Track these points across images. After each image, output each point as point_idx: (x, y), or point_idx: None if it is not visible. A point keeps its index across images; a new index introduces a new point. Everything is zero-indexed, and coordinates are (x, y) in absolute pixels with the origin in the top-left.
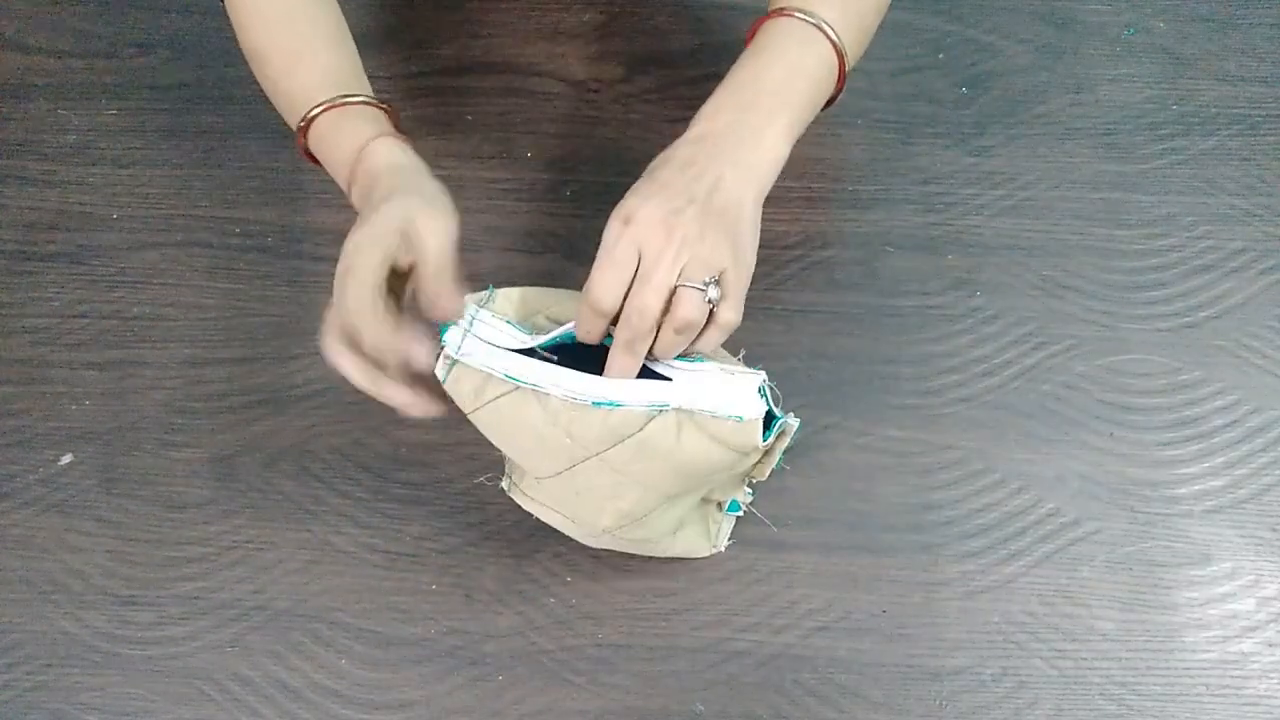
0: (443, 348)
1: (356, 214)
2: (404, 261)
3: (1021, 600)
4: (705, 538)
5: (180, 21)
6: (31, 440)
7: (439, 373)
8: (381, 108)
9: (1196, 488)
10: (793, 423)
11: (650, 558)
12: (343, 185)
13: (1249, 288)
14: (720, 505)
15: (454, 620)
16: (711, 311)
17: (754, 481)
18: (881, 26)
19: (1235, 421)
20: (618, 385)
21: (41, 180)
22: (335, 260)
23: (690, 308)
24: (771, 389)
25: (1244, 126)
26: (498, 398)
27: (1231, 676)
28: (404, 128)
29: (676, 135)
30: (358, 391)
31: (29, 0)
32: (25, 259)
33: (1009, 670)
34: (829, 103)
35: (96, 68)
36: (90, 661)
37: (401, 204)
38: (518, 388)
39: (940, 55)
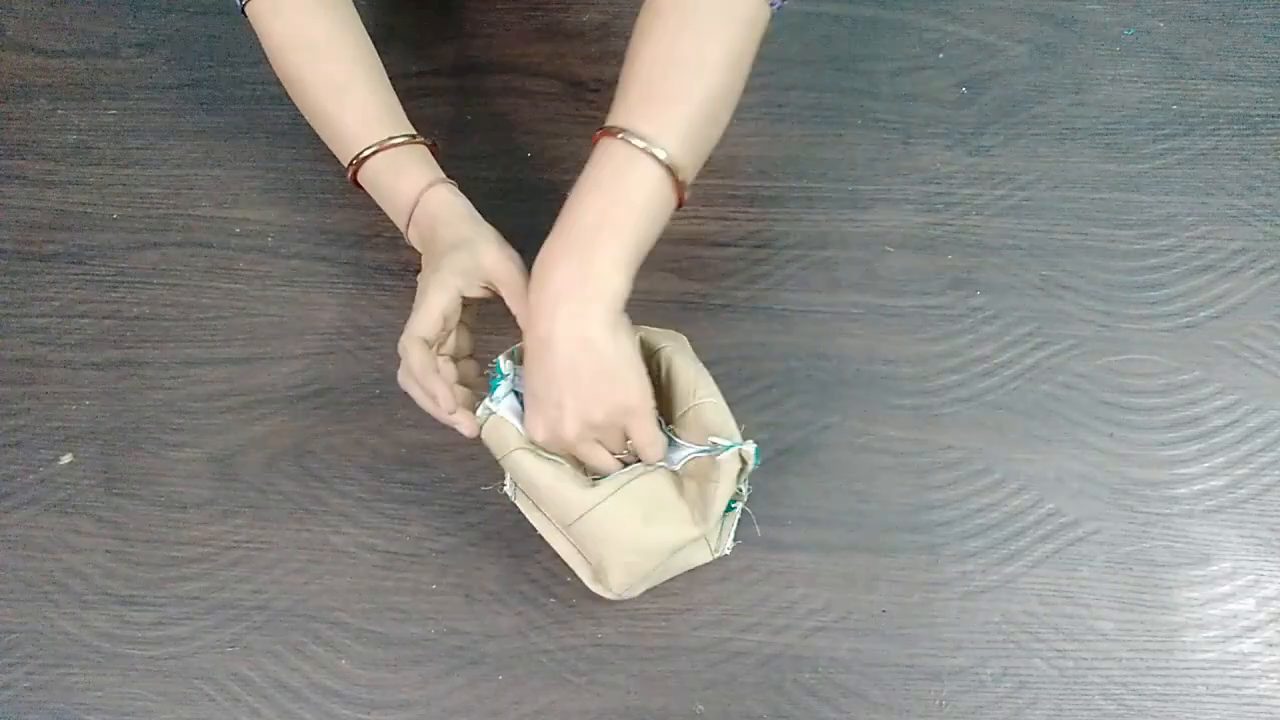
0: (483, 397)
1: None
2: (472, 294)
3: (1021, 600)
4: (704, 547)
5: (180, 21)
6: (31, 440)
7: (479, 417)
8: (427, 144)
9: (1196, 488)
10: (748, 449)
11: None
12: (399, 223)
13: (1249, 288)
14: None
15: (454, 620)
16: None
17: (748, 477)
18: (882, 26)
19: (1235, 421)
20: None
21: (41, 180)
22: (335, 260)
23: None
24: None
25: (1244, 126)
26: (514, 450)
27: (1231, 676)
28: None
29: None
30: (358, 391)
31: (29, 0)
32: (25, 259)
33: (1009, 670)
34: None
35: (96, 68)
36: (90, 661)
37: (467, 249)
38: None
39: (940, 55)
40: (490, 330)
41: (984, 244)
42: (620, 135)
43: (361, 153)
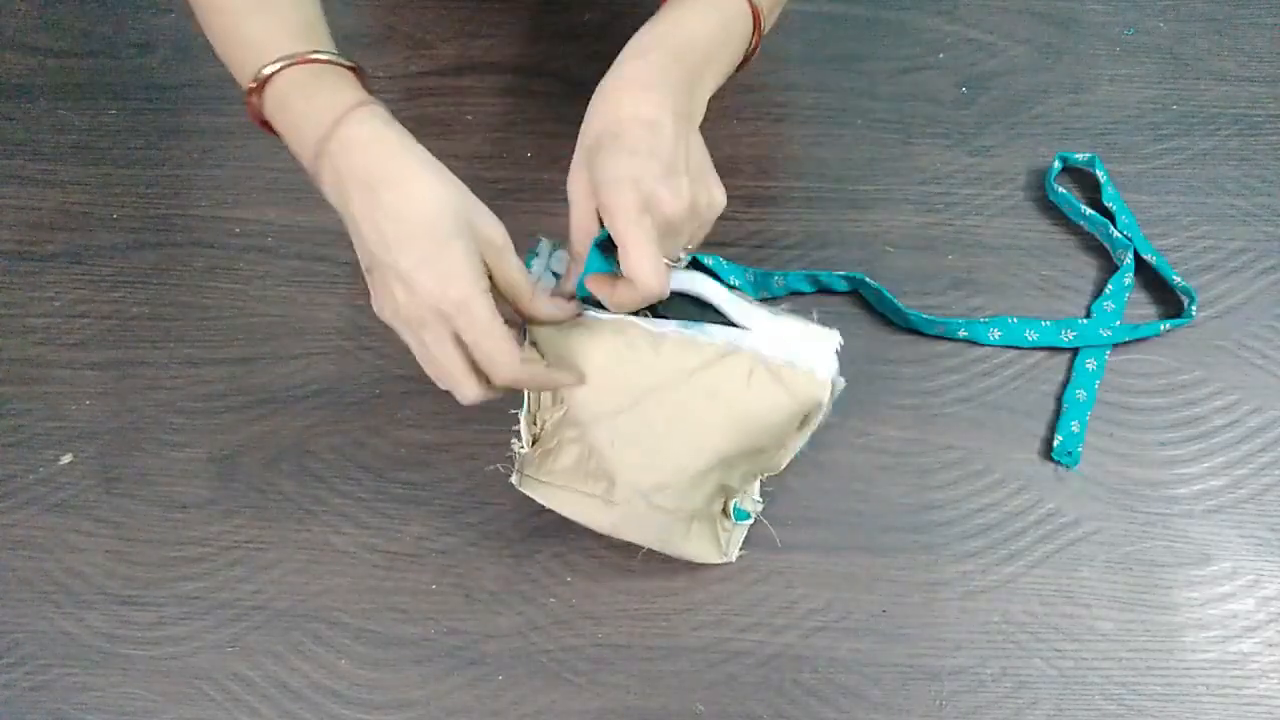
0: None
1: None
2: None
3: (1021, 600)
4: (715, 545)
5: (180, 21)
6: (31, 440)
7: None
8: (352, 69)
9: (1196, 488)
10: (839, 382)
11: (651, 558)
12: (305, 158)
13: (1249, 288)
14: (727, 513)
15: (454, 620)
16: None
17: (764, 481)
18: (882, 26)
19: (1235, 421)
20: (698, 325)
21: (41, 180)
22: (335, 260)
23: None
24: (838, 353)
25: (1244, 126)
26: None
27: (1231, 676)
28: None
29: None
30: (358, 391)
31: (29, 0)
32: (25, 259)
33: (1009, 670)
34: (741, 64)
35: (96, 68)
36: (90, 661)
37: (454, 215)
38: (597, 317)
39: (940, 55)
40: None
41: (984, 244)
42: None
43: (264, 69)
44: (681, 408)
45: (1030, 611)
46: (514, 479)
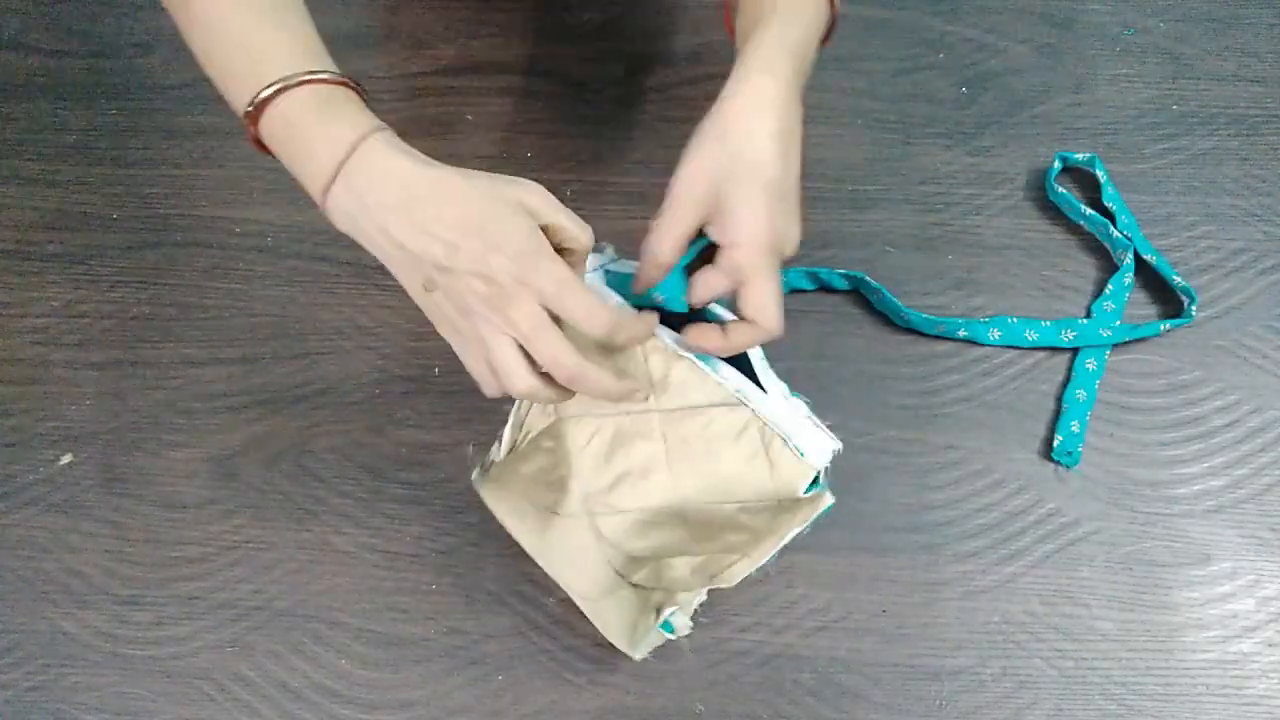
0: None
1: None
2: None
3: (1021, 600)
4: (629, 630)
5: None
6: (31, 440)
7: None
8: (358, 89)
9: (1196, 488)
10: (826, 498)
11: None
12: (315, 181)
13: (1249, 288)
14: (659, 613)
15: (454, 620)
16: None
17: (699, 605)
18: (882, 26)
19: (1235, 421)
20: (720, 364)
21: (41, 180)
22: (335, 260)
23: None
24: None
25: (1244, 126)
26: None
27: (1231, 676)
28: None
29: (676, 136)
30: (358, 391)
31: (29, 0)
32: (25, 259)
33: (1009, 670)
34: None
35: (96, 68)
36: (90, 661)
37: (496, 187)
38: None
39: (940, 55)
40: None
41: (984, 244)
42: None
43: (262, 93)
44: (664, 437)
45: (1030, 611)
46: (474, 475)
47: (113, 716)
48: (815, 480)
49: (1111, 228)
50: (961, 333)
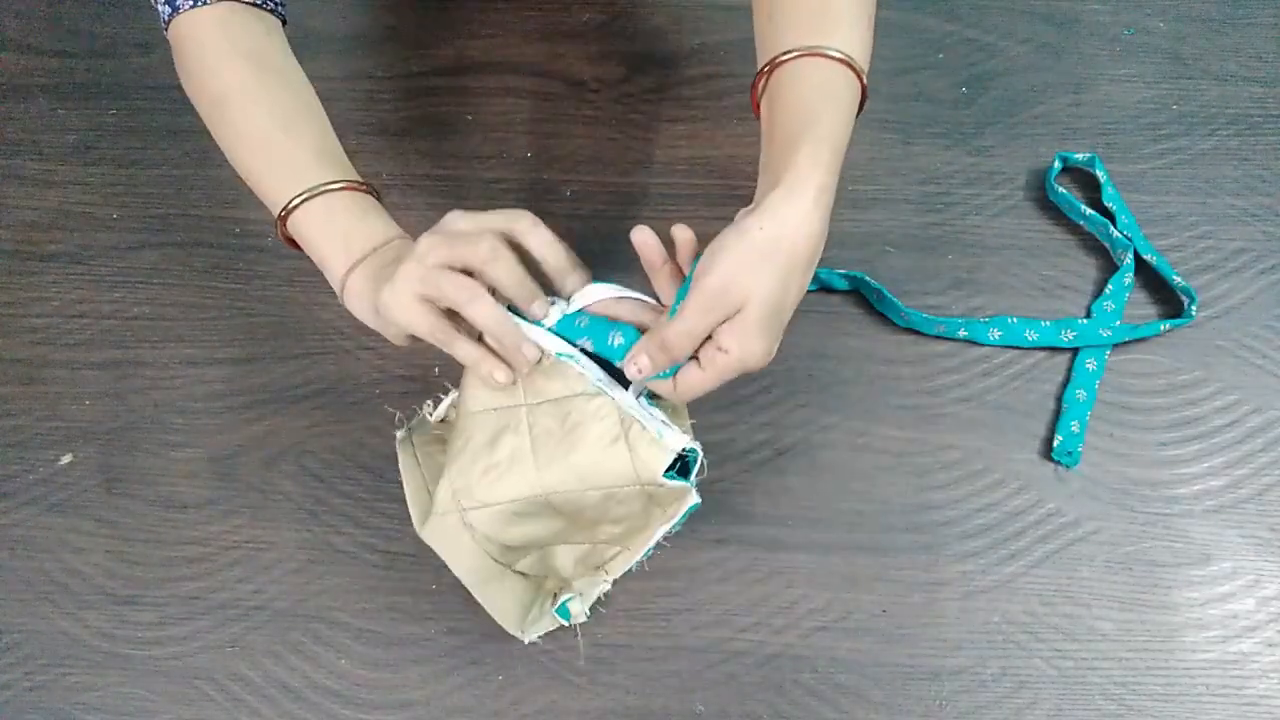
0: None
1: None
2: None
3: (1021, 600)
4: (523, 610)
5: None
6: (31, 440)
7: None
8: (373, 193)
9: (1196, 488)
10: (692, 498)
11: (649, 558)
12: (336, 270)
13: (1249, 288)
14: (554, 600)
15: (454, 620)
16: None
17: (603, 595)
18: (882, 26)
19: (1235, 421)
20: (580, 354)
21: (41, 180)
22: None
23: None
24: (701, 464)
25: (1244, 126)
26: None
27: (1231, 676)
28: (403, 129)
29: (676, 135)
30: (358, 391)
31: (29, 0)
32: (25, 259)
33: (1009, 670)
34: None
35: (96, 68)
36: (90, 661)
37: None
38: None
39: (940, 55)
40: None
41: (984, 244)
42: (828, 53)
43: (309, 190)
44: (530, 429)
45: (1030, 611)
46: (399, 434)
47: (113, 716)
48: (682, 472)
49: (1111, 228)
50: (961, 333)
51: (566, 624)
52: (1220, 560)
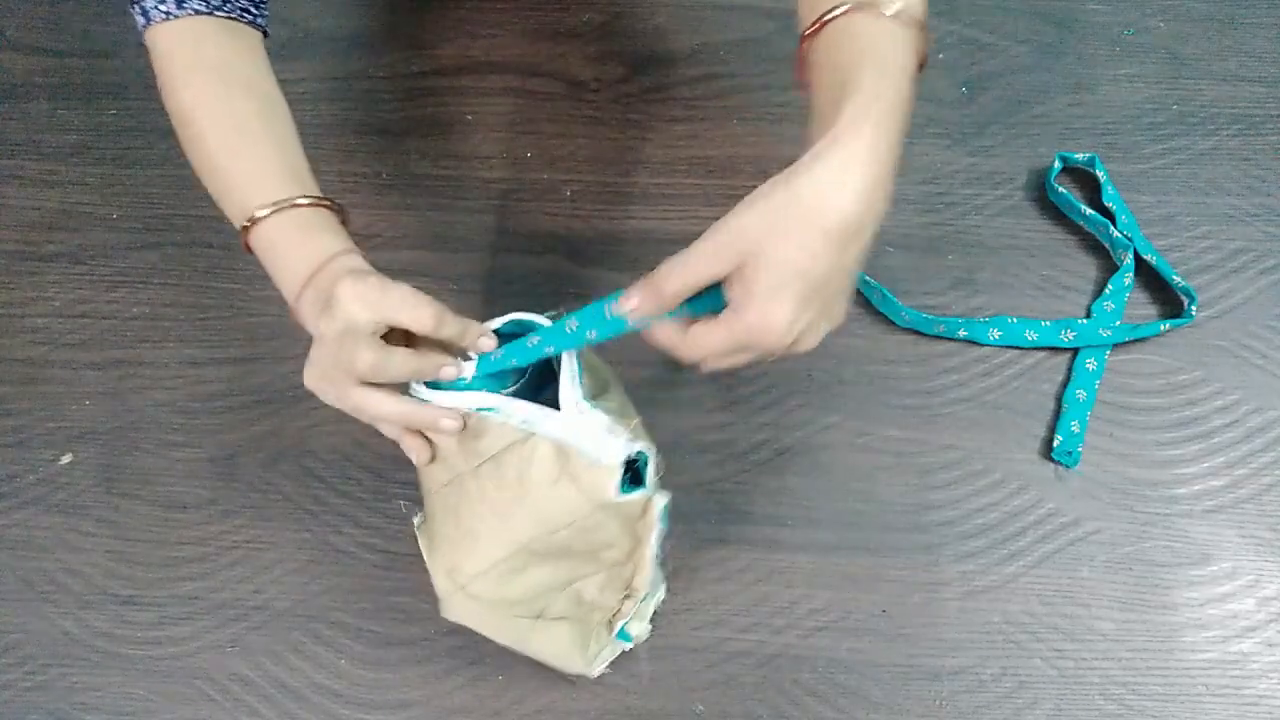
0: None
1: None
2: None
3: (1021, 600)
4: (580, 649)
5: None
6: (31, 440)
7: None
8: (335, 208)
9: (1196, 488)
10: (659, 498)
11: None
12: (289, 291)
13: (1249, 288)
14: (611, 627)
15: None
16: None
17: (655, 615)
18: None
19: (1235, 421)
20: (501, 399)
21: (41, 180)
22: None
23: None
24: (657, 465)
25: (1244, 126)
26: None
27: (1231, 676)
28: (403, 129)
29: (676, 135)
30: None
31: (29, 0)
32: (25, 259)
33: (1009, 670)
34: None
35: (96, 68)
36: (90, 661)
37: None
38: (425, 399)
39: (940, 55)
40: None
41: (984, 244)
42: (870, 7)
43: (266, 207)
44: (482, 493)
45: (1030, 611)
46: (416, 520)
47: (113, 716)
48: (636, 481)
49: (1111, 228)
50: (961, 333)
51: (630, 646)
52: (1220, 560)
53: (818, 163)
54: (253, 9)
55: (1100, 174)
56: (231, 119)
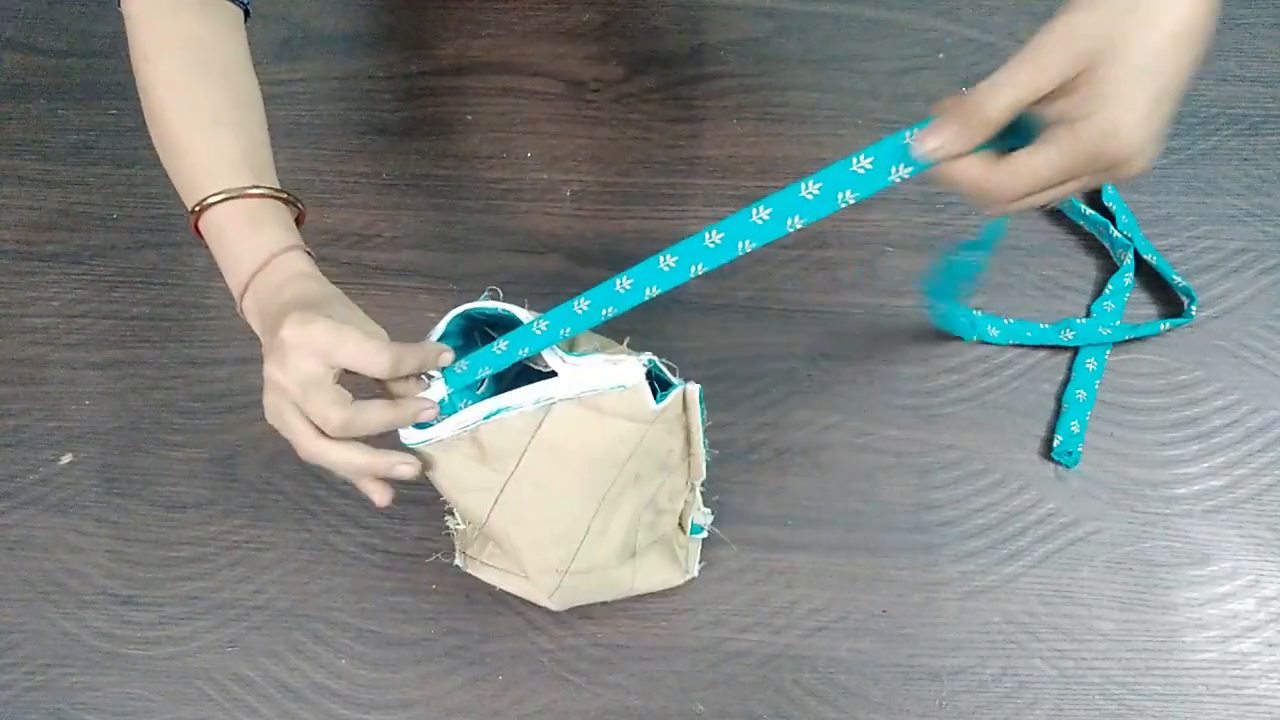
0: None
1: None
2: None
3: (1021, 600)
4: (674, 564)
5: None
6: (31, 440)
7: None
8: (289, 202)
9: (1196, 488)
10: (692, 389)
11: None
12: (234, 288)
13: (1249, 288)
14: (683, 528)
15: (454, 620)
16: None
17: (710, 503)
18: (882, 26)
19: (1235, 421)
20: (505, 396)
21: (41, 180)
22: (335, 260)
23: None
24: (666, 365)
25: (1244, 126)
26: (421, 443)
27: (1231, 676)
28: (404, 129)
29: (676, 135)
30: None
31: (29, 0)
32: (25, 259)
33: (1009, 670)
34: None
35: (96, 68)
36: (90, 661)
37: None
38: (418, 449)
39: (940, 55)
40: None
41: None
42: None
43: (216, 194)
44: (538, 481)
45: (1030, 611)
46: (458, 560)
47: (113, 716)
48: (664, 386)
49: (1111, 228)
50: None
51: (704, 535)
52: (1220, 560)
53: None
54: None
55: None
56: (197, 103)
